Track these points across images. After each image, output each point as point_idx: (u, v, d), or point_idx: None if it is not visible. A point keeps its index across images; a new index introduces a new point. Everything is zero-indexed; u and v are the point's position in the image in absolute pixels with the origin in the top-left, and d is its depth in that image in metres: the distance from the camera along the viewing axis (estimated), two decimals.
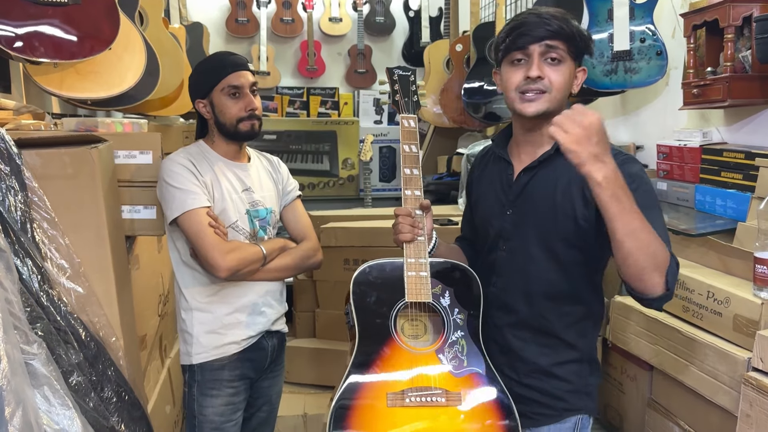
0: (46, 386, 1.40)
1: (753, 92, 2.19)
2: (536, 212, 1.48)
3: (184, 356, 1.86)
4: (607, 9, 2.71)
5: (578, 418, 1.50)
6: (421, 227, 1.51)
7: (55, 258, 1.62)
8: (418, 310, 1.50)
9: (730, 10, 2.16)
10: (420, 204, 1.53)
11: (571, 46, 1.43)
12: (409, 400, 1.40)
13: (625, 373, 2.42)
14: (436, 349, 1.47)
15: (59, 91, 2.21)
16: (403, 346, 1.47)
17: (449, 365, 1.45)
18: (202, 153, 1.87)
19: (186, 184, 1.76)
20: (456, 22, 4.34)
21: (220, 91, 1.82)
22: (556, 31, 1.41)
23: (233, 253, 1.75)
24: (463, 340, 1.49)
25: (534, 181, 1.50)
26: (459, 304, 1.51)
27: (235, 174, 1.88)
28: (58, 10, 2.07)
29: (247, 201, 1.87)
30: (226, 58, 1.87)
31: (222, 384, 1.83)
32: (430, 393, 1.41)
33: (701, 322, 2.01)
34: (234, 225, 1.83)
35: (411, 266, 1.48)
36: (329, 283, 3.14)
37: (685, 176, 2.47)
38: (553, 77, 1.43)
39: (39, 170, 1.62)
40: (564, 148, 1.21)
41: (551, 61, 1.43)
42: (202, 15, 4.75)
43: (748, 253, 1.89)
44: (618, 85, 2.72)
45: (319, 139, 5.06)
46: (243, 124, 1.83)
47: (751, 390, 1.69)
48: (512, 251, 1.52)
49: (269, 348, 1.92)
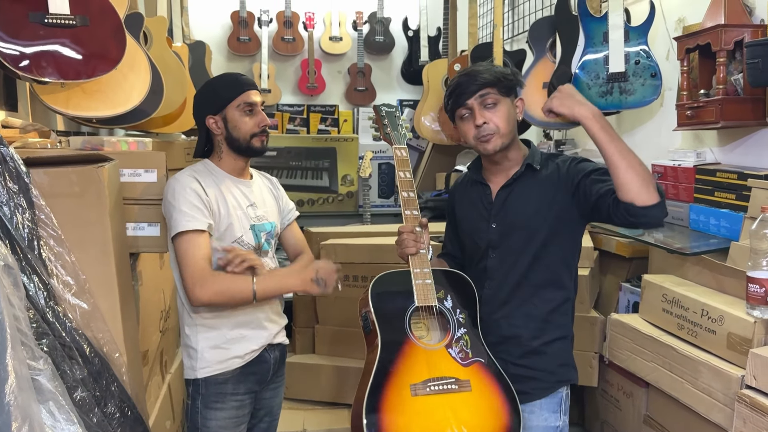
0: (51, 402, 1.42)
1: (745, 114, 2.24)
2: (516, 220, 1.78)
3: (189, 370, 1.89)
4: (602, 31, 2.77)
5: (565, 389, 1.80)
6: (423, 241, 1.77)
7: (61, 275, 1.64)
8: (426, 313, 1.75)
9: (722, 34, 2.21)
10: (419, 222, 1.79)
11: (501, 88, 1.75)
12: (429, 389, 1.64)
13: (621, 390, 2.44)
14: (446, 345, 1.72)
15: (65, 109, 2.25)
16: (419, 344, 1.71)
17: (457, 357, 1.71)
18: (208, 171, 1.91)
19: (185, 205, 1.79)
20: (454, 42, 4.41)
21: (235, 108, 1.87)
22: (483, 82, 1.74)
23: (211, 286, 1.75)
24: (466, 335, 1.75)
25: (511, 196, 1.80)
26: (460, 305, 1.78)
27: (240, 190, 1.93)
28: (67, 32, 2.11)
29: (252, 216, 1.92)
30: (240, 78, 1.93)
31: (226, 397, 1.86)
32: (446, 382, 1.66)
33: (696, 339, 2.04)
34: (239, 240, 1.87)
35: (417, 275, 1.74)
36: (329, 300, 3.16)
37: (679, 195, 2.51)
38: (495, 119, 1.74)
39: (46, 188, 1.65)
40: (558, 110, 1.68)
41: (489, 106, 1.74)
42: (204, 34, 4.81)
43: (742, 272, 1.92)
44: (613, 106, 2.77)
45: (319, 155, 5.11)
46: (256, 139, 1.90)
47: (745, 407, 1.71)
48: (500, 256, 1.80)
49: (272, 360, 1.96)
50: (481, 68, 1.78)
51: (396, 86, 5.53)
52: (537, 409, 1.77)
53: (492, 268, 1.81)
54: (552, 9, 3.37)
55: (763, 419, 1.64)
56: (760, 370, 1.71)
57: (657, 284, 2.25)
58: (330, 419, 2.94)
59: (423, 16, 5.14)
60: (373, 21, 5.34)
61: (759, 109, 2.25)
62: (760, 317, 1.80)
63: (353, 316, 2.99)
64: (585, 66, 2.78)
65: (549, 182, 1.77)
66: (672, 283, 2.24)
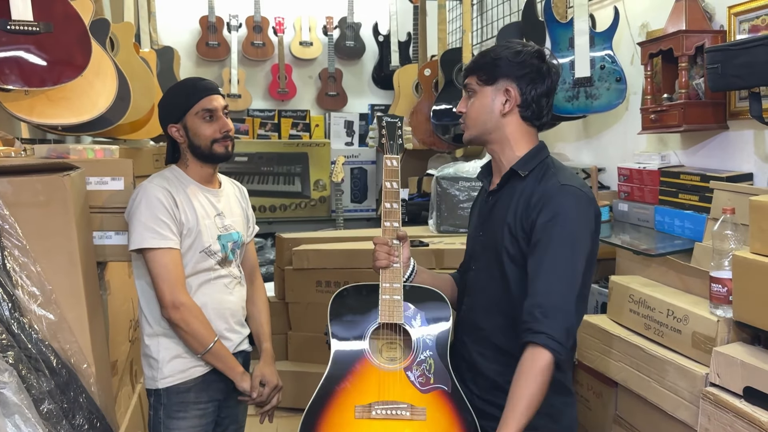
0: (17, 415, 1.40)
1: (706, 118, 2.29)
2: (494, 233, 1.57)
3: (150, 381, 1.86)
4: (568, 37, 2.82)
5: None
6: (396, 255, 1.63)
7: (27, 285, 1.62)
8: (392, 331, 1.61)
9: (684, 40, 2.27)
10: (397, 234, 1.65)
11: (481, 76, 1.57)
12: (375, 412, 1.51)
13: (591, 390, 2.48)
14: (405, 367, 1.58)
15: (30, 117, 2.22)
16: (374, 363, 1.59)
17: (416, 382, 1.56)
18: (176, 178, 1.89)
19: (152, 220, 1.77)
20: (424, 47, 4.44)
21: (194, 115, 1.85)
22: (467, 70, 1.61)
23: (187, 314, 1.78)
24: (431, 359, 1.59)
25: (496, 204, 1.61)
26: (429, 326, 1.62)
27: (208, 199, 1.91)
28: (30, 38, 2.08)
29: (219, 225, 1.90)
30: (198, 83, 1.90)
31: (188, 406, 1.84)
32: (396, 407, 1.52)
33: (662, 339, 2.07)
34: (207, 250, 1.85)
35: (386, 290, 1.62)
36: (301, 305, 3.16)
37: (645, 198, 2.56)
38: (468, 109, 1.60)
39: (10, 198, 1.62)
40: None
41: (470, 94, 1.60)
42: (172, 39, 4.77)
43: (705, 272, 1.96)
44: (580, 110, 2.81)
45: (291, 160, 5.09)
46: (218, 145, 1.86)
47: (709, 405, 1.75)
48: (478, 271, 1.64)
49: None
50: (481, 52, 1.62)
51: (367, 91, 5.55)
52: None
53: (470, 283, 1.65)
54: (519, 15, 3.41)
55: (726, 416, 1.68)
56: (723, 368, 1.75)
57: (624, 285, 2.29)
58: None
59: (393, 22, 5.17)
60: (343, 26, 5.35)
61: (719, 112, 2.30)
62: (723, 316, 1.84)
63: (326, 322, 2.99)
64: None
65: (524, 197, 1.51)
66: (638, 284, 2.28)
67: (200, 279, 1.85)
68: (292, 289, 3.15)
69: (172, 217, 1.79)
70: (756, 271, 1.68)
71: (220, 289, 1.89)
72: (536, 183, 1.52)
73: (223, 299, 1.90)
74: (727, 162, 2.34)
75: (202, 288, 1.85)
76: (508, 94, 1.54)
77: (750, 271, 1.70)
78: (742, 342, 1.82)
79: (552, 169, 1.55)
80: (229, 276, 1.92)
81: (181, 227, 1.81)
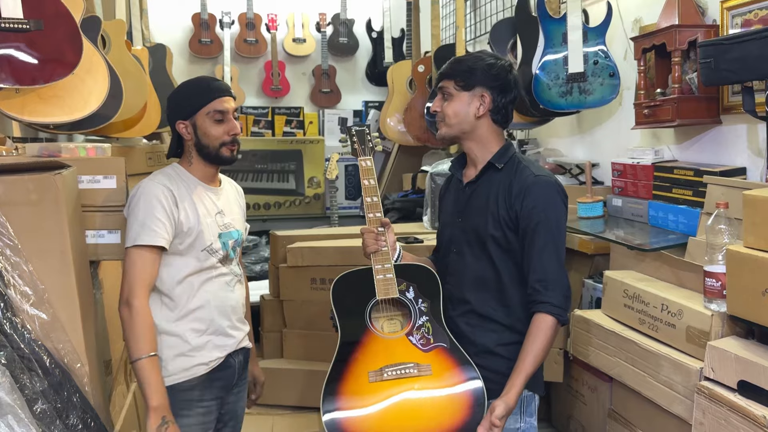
0: (10, 415, 1.39)
1: (700, 113, 2.30)
2: (475, 219, 1.80)
3: None
4: (561, 32, 2.82)
5: (523, 395, 1.71)
6: (383, 239, 1.83)
7: (19, 285, 1.61)
8: (389, 305, 1.81)
9: (677, 35, 2.27)
10: (381, 222, 1.86)
11: (459, 81, 1.77)
12: (386, 374, 1.70)
13: (586, 385, 2.48)
14: (406, 333, 1.78)
15: (21, 115, 2.20)
16: (378, 334, 1.78)
17: (418, 344, 1.76)
18: (179, 176, 1.88)
19: (148, 218, 1.76)
20: (418, 44, 4.43)
21: (205, 115, 1.85)
22: (443, 74, 1.81)
23: (134, 314, 1.73)
24: (428, 323, 1.79)
25: (475, 192, 1.83)
26: (422, 295, 1.82)
27: (209, 198, 1.91)
28: (20, 36, 2.06)
29: (220, 224, 1.91)
30: (212, 83, 1.90)
31: (193, 404, 1.84)
32: (404, 367, 1.71)
33: (656, 333, 2.08)
34: (209, 248, 1.86)
35: (378, 271, 1.81)
36: (296, 303, 3.15)
37: (638, 193, 2.56)
38: (445, 109, 1.80)
39: (2, 197, 1.61)
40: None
41: (446, 96, 1.80)
42: (165, 36, 4.75)
43: (699, 266, 1.97)
44: (573, 106, 2.82)
45: (285, 158, 5.08)
46: (225, 149, 1.87)
47: (704, 399, 1.76)
48: (460, 253, 1.83)
49: (236, 365, 1.95)
50: (456, 60, 1.84)
51: (361, 87, 5.54)
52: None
53: (452, 264, 1.85)
54: (513, 11, 3.41)
55: (721, 409, 1.69)
56: (717, 362, 1.75)
57: (618, 280, 2.30)
58: (299, 423, 2.93)
59: (386, 18, 5.16)
60: (336, 22, 5.34)
61: (713, 107, 2.31)
62: (717, 310, 1.85)
63: (321, 320, 3.00)
64: (545, 66, 2.82)
65: (502, 187, 1.75)
66: (632, 278, 2.29)
67: (203, 277, 1.85)
68: (286, 286, 3.15)
69: (168, 217, 1.78)
70: (750, 265, 1.69)
71: (222, 286, 1.90)
72: (512, 174, 1.76)
73: (226, 296, 1.90)
74: (721, 156, 2.35)
75: (204, 286, 1.85)
76: (482, 99, 1.78)
77: (744, 265, 1.71)
78: (736, 336, 1.83)
79: (523, 162, 1.80)
80: (230, 274, 1.92)
81: (180, 226, 1.81)
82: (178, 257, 1.82)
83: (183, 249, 1.82)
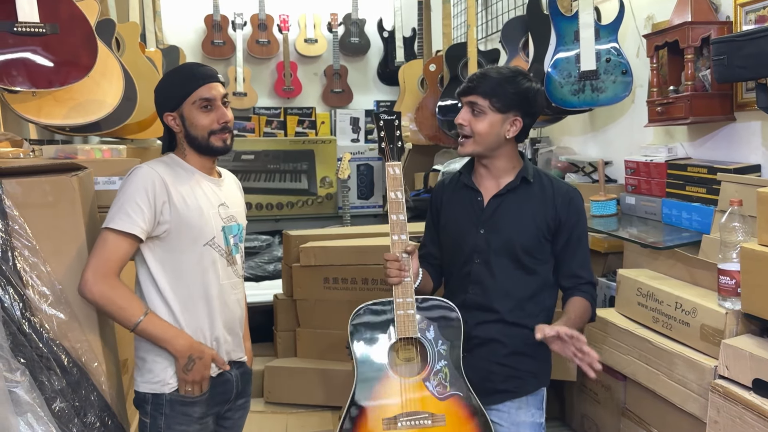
0: (29, 413, 1.42)
1: (713, 110, 2.28)
2: (505, 230, 1.82)
3: (145, 384, 1.74)
4: (573, 30, 2.81)
5: (543, 390, 1.87)
6: (407, 269, 1.73)
7: (37, 285, 1.63)
8: (407, 344, 1.76)
9: (689, 31, 2.26)
10: (405, 249, 1.75)
11: (495, 103, 1.76)
12: (400, 424, 1.68)
13: (600, 384, 2.48)
14: (423, 378, 1.73)
15: (37, 118, 2.23)
16: (395, 377, 1.73)
17: (434, 391, 1.72)
18: (178, 165, 1.79)
19: (129, 204, 1.66)
20: (429, 43, 4.43)
21: (191, 104, 1.73)
22: (467, 89, 1.79)
23: (106, 287, 1.64)
24: (446, 368, 1.74)
25: (503, 205, 1.84)
26: (442, 336, 1.76)
27: (211, 188, 1.81)
28: (36, 40, 2.10)
29: (224, 216, 1.80)
30: (196, 70, 1.77)
31: (192, 420, 1.75)
32: (418, 417, 1.68)
33: (670, 332, 2.07)
34: (211, 242, 1.75)
35: (399, 306, 1.73)
36: (309, 302, 3.17)
37: (652, 191, 2.55)
38: (475, 125, 1.78)
39: (20, 199, 1.63)
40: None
41: (476, 113, 1.78)
42: (178, 38, 4.78)
43: (713, 264, 1.96)
44: (586, 104, 2.81)
45: (297, 158, 5.10)
46: (215, 138, 1.75)
47: (718, 397, 1.75)
48: (486, 262, 1.83)
49: (233, 379, 1.84)
50: (492, 74, 1.79)
51: (372, 87, 5.55)
52: (524, 405, 1.83)
53: (476, 273, 1.84)
54: (524, 9, 3.40)
55: (735, 408, 1.68)
56: (732, 361, 1.74)
57: (632, 278, 2.29)
58: (313, 422, 2.94)
59: (397, 17, 5.17)
60: (347, 22, 5.35)
61: (726, 104, 2.29)
62: (731, 308, 1.84)
63: (334, 319, 3.01)
64: (557, 64, 2.82)
65: (539, 199, 1.83)
66: (646, 276, 2.28)
67: (205, 276, 1.75)
68: (300, 286, 3.16)
69: (150, 206, 1.67)
70: (764, 262, 1.68)
71: (226, 290, 1.80)
72: (546, 186, 1.84)
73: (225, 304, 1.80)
74: (735, 154, 2.33)
75: (206, 284, 1.75)
76: (515, 123, 1.79)
77: (758, 262, 1.70)
78: (750, 334, 1.82)
79: (546, 174, 1.90)
80: (233, 273, 1.82)
81: (159, 217, 1.69)
82: (178, 254, 1.72)
83: (183, 246, 1.71)
